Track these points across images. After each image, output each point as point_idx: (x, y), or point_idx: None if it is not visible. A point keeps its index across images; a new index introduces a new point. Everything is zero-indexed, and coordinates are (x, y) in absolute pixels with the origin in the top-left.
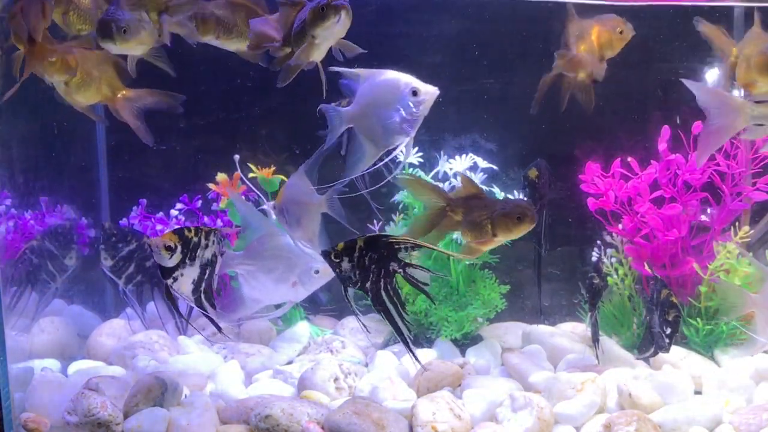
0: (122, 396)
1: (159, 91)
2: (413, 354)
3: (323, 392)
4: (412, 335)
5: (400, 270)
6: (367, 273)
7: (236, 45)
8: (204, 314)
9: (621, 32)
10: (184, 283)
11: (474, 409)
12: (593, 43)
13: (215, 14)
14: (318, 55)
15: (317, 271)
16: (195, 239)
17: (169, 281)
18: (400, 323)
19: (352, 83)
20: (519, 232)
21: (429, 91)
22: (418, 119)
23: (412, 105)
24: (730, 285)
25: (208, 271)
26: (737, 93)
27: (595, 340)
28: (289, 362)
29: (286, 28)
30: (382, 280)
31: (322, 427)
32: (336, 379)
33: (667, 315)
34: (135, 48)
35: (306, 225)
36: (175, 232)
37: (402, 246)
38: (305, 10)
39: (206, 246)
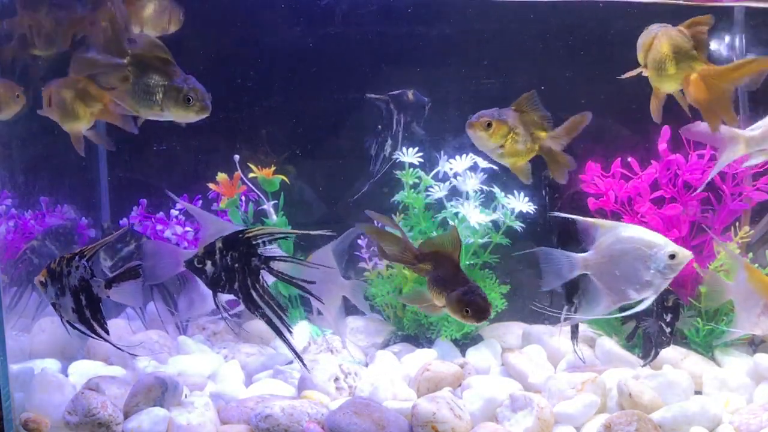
0: (122, 396)
1: None
2: (296, 353)
3: (323, 392)
4: (292, 331)
5: (263, 265)
6: (233, 274)
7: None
8: (105, 340)
9: None
10: (66, 313)
11: (474, 409)
12: None
13: None
14: None
15: None
16: (58, 269)
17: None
18: (278, 322)
19: (589, 230)
20: None
21: (686, 256)
22: (669, 280)
23: (666, 267)
24: (711, 274)
25: (84, 297)
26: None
27: (574, 336)
28: (289, 362)
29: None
30: (249, 279)
31: (323, 427)
32: (336, 379)
33: (667, 302)
34: None
35: (327, 304)
36: (46, 266)
37: (260, 239)
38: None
39: (68, 273)
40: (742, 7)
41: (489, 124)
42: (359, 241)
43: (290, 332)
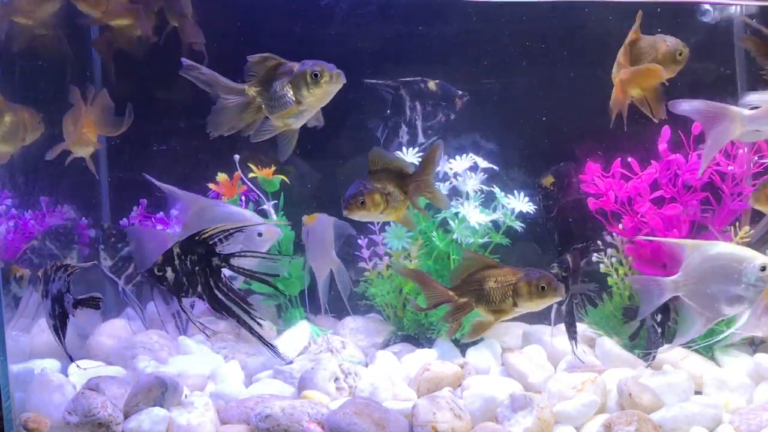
0: (122, 396)
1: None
2: (268, 346)
3: (323, 392)
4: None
5: (223, 264)
6: (194, 277)
7: None
8: (64, 350)
9: None
10: (46, 317)
11: (474, 409)
12: None
13: None
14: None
15: (260, 234)
16: (49, 273)
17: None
18: (247, 319)
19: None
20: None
21: None
22: (761, 292)
23: (758, 279)
24: None
25: (56, 307)
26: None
27: (572, 337)
28: (290, 362)
29: None
30: (211, 279)
31: (323, 427)
32: (336, 379)
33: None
34: None
35: (317, 271)
36: (45, 267)
37: (215, 238)
38: None
39: (53, 281)
40: (742, 7)
41: (362, 202)
42: (359, 241)
43: (260, 326)
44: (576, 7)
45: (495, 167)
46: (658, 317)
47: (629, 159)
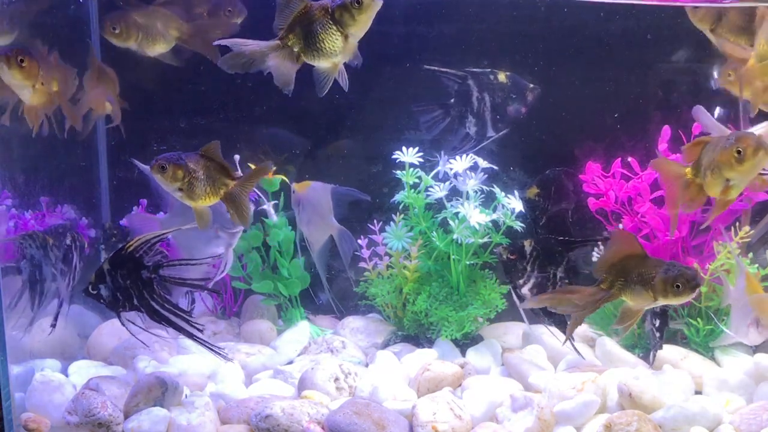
0: (122, 396)
1: None
2: (213, 350)
3: (323, 392)
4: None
5: (153, 275)
6: (128, 291)
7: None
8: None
9: None
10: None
11: (474, 409)
12: None
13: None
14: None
15: None
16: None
17: None
18: (187, 326)
19: None
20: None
21: None
22: None
23: None
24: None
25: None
26: None
27: (567, 328)
28: (290, 362)
29: None
30: (145, 291)
31: (323, 427)
32: (336, 379)
33: (656, 308)
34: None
35: (314, 237)
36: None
37: (141, 250)
38: None
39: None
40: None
41: (163, 167)
42: (359, 241)
43: (201, 331)
44: (576, 6)
45: (495, 167)
46: (657, 322)
47: (630, 159)
